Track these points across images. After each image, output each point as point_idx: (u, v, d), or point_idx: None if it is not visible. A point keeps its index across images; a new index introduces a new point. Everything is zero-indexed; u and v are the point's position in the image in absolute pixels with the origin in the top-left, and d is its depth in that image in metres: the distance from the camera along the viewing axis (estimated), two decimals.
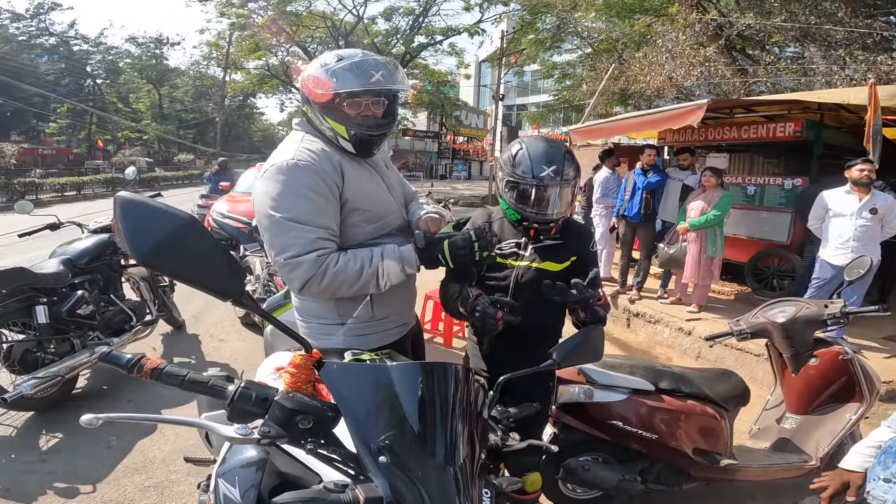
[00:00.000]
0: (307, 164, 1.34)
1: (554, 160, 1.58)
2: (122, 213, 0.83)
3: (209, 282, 0.88)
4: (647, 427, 2.07)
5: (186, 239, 0.84)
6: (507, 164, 1.64)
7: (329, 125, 1.39)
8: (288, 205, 1.31)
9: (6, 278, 2.75)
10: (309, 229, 1.31)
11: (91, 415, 0.82)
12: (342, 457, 0.86)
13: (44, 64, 32.45)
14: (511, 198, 1.63)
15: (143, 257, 0.83)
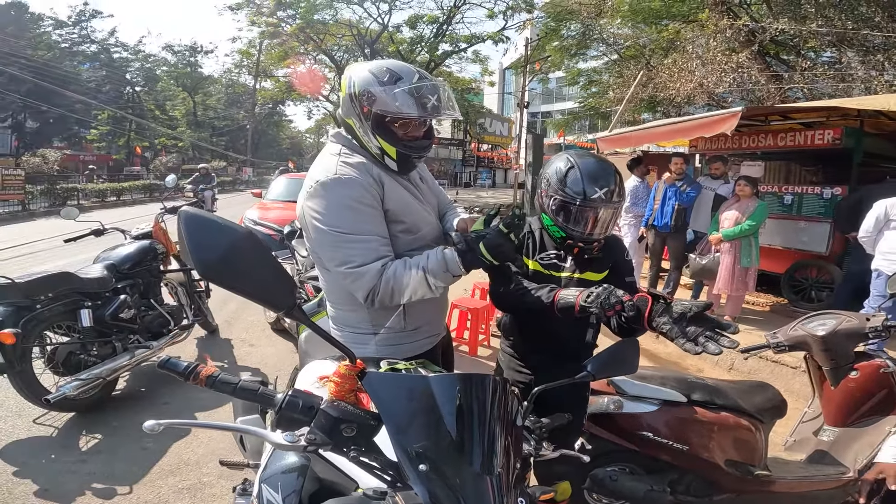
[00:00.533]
0: (349, 178, 1.36)
1: (606, 181, 1.55)
2: (186, 227, 0.87)
3: (264, 294, 0.91)
4: (678, 438, 2.05)
5: (244, 252, 0.88)
6: (556, 181, 1.59)
7: (378, 143, 1.40)
8: (338, 219, 1.33)
9: (54, 282, 2.86)
10: (364, 238, 1.34)
11: (153, 421, 0.87)
12: (382, 464, 0.88)
13: (85, 71, 33.38)
14: (557, 216, 1.60)
15: (205, 270, 0.87)
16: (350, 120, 1.43)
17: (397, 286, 1.35)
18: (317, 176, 1.38)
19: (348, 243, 1.33)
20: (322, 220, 1.33)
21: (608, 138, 6.46)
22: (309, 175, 1.43)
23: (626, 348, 1.34)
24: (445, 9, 19.02)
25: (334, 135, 1.51)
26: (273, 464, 1.07)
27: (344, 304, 1.49)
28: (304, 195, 1.40)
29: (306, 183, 1.41)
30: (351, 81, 1.40)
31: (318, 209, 1.34)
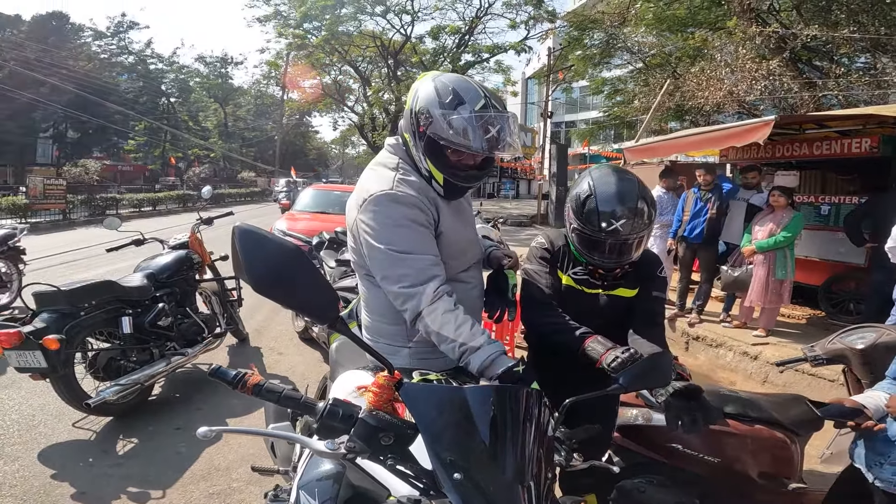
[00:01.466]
0: (406, 196, 1.34)
1: (626, 208, 1.46)
2: (240, 243, 0.92)
3: (310, 306, 0.96)
4: (709, 450, 2.03)
5: (292, 267, 0.92)
6: (575, 208, 1.52)
7: (427, 166, 1.38)
8: (392, 237, 1.31)
9: (97, 290, 2.98)
10: (417, 258, 1.31)
11: (206, 428, 0.90)
12: (416, 472, 0.89)
13: (123, 82, 34.25)
14: (576, 244, 1.56)
15: (257, 283, 0.91)
16: (406, 135, 1.40)
17: (434, 325, 1.29)
18: (372, 189, 1.35)
19: (401, 262, 1.30)
20: (376, 236, 1.32)
21: (635, 148, 6.39)
22: (362, 185, 1.40)
23: (660, 361, 1.33)
24: (467, 20, 19.18)
25: (393, 145, 1.47)
26: (310, 471, 1.10)
27: (382, 316, 1.49)
28: (356, 206, 1.38)
29: (359, 193, 1.39)
30: (415, 96, 1.36)
31: (372, 224, 1.32)
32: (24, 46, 27.95)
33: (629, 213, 1.45)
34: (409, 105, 1.37)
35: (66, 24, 32.33)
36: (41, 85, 24.39)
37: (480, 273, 1.62)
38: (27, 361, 2.62)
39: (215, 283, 4.10)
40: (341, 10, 18.67)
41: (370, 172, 1.44)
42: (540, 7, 17.80)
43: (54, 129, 31.51)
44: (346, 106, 25.52)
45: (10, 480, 2.46)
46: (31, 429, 2.94)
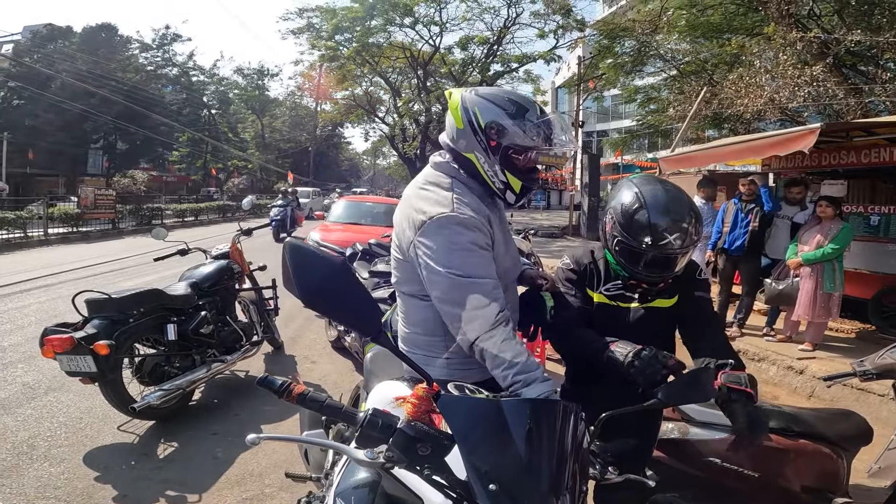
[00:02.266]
0: (468, 219, 1.33)
1: (678, 222, 1.40)
2: (291, 257, 0.95)
3: (355, 320, 0.99)
4: (750, 465, 2.01)
5: (339, 281, 0.95)
6: (621, 219, 1.46)
7: (505, 178, 1.38)
8: (455, 260, 1.30)
9: (146, 298, 3.10)
10: (479, 283, 1.31)
11: (254, 435, 0.94)
12: (451, 483, 0.90)
13: (168, 94, 35.11)
14: (620, 257, 1.50)
15: (306, 296, 0.95)
16: (472, 154, 1.38)
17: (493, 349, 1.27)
18: (430, 210, 1.33)
19: (463, 287, 1.29)
20: (438, 260, 1.30)
21: (671, 158, 6.25)
22: (417, 206, 1.38)
23: (701, 376, 1.30)
24: (495, 30, 19.26)
25: (439, 163, 1.45)
26: (346, 479, 1.12)
27: (419, 327, 1.50)
28: (412, 227, 1.36)
29: (414, 213, 1.37)
30: (471, 114, 1.36)
31: (433, 248, 1.31)
32: (75, 58, 29.02)
33: (681, 226, 1.40)
34: (467, 125, 1.36)
35: (115, 35, 33.40)
36: (92, 96, 25.17)
37: (516, 291, 1.62)
38: (78, 366, 2.72)
39: (253, 292, 4.22)
40: (371, 21, 19.04)
41: (424, 192, 1.41)
42: (568, 16, 17.74)
43: (104, 140, 32.59)
44: (376, 117, 25.94)
45: (55, 482, 2.52)
46: (77, 431, 3.03)
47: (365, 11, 18.62)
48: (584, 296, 1.63)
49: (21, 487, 2.45)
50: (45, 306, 5.77)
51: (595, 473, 1.08)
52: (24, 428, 3.03)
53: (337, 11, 19.55)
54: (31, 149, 27.46)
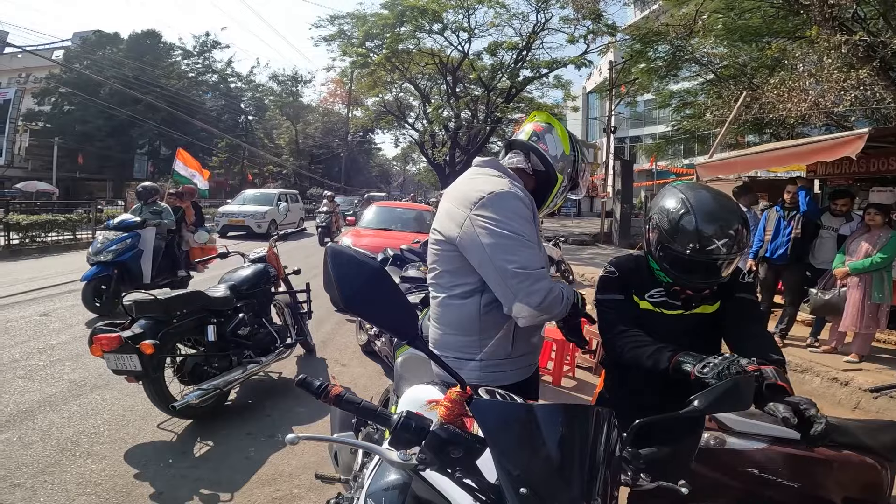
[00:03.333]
0: (524, 196, 1.49)
1: (727, 228, 1.37)
2: (333, 262, 0.98)
3: (392, 323, 1.02)
4: (789, 476, 1.99)
5: (378, 286, 0.98)
6: (666, 225, 1.44)
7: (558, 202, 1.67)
8: (518, 225, 1.41)
9: (189, 300, 3.20)
10: (537, 249, 1.45)
11: (293, 434, 0.96)
12: (482, 486, 0.90)
13: (208, 100, 35.95)
14: (664, 262, 1.47)
15: (346, 300, 0.97)
16: (561, 176, 1.63)
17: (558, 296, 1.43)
18: (487, 188, 1.46)
19: (528, 249, 1.40)
20: (502, 225, 1.40)
21: (709, 164, 6.07)
22: (470, 187, 1.51)
23: (741, 384, 1.25)
24: (524, 35, 19.17)
25: (486, 161, 1.62)
26: (377, 481, 1.14)
27: (456, 329, 1.53)
28: (467, 205, 1.46)
29: (468, 194, 1.48)
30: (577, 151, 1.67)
31: (495, 216, 1.41)
32: (122, 64, 30.05)
33: (730, 232, 1.37)
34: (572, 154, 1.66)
35: (159, 42, 34.54)
36: (138, 102, 25.92)
37: None
38: (124, 364, 2.81)
39: (288, 295, 4.31)
40: (400, 28, 19.24)
41: (476, 179, 1.55)
42: (599, 21, 17.48)
43: (149, 145, 33.74)
44: (406, 123, 26.18)
45: (96, 479, 2.58)
46: (120, 428, 3.12)
47: (394, 18, 18.85)
48: (629, 302, 1.61)
49: (63, 484, 2.51)
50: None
51: (627, 479, 1.08)
52: (70, 425, 3.11)
53: (367, 18, 19.88)
54: (80, 153, 28.73)
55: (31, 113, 30.86)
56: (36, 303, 6.08)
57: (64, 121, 30.38)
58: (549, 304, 1.39)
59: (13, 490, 2.43)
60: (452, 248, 1.49)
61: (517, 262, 1.37)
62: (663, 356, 1.41)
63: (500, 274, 1.39)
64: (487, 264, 1.40)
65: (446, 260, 1.52)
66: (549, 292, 1.39)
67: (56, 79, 30.52)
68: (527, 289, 1.37)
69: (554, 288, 1.42)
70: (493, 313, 1.48)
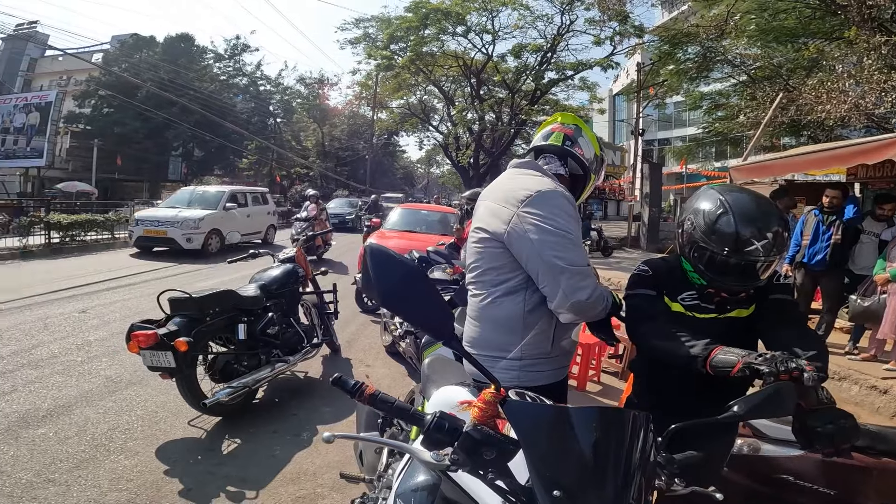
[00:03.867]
0: (569, 196, 1.53)
1: (766, 228, 1.34)
2: (371, 261, 0.99)
3: (429, 323, 1.01)
4: (826, 482, 1.97)
5: (416, 286, 0.98)
6: (703, 226, 1.41)
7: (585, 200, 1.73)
8: (566, 224, 1.46)
9: (221, 299, 3.27)
10: (582, 247, 1.50)
11: (329, 433, 0.97)
12: (513, 489, 0.90)
13: (239, 103, 36.59)
14: (699, 264, 1.44)
15: (385, 299, 0.98)
16: (593, 176, 1.71)
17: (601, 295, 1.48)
18: (534, 186, 1.50)
19: (576, 246, 1.45)
20: (551, 222, 1.44)
21: (744, 167, 5.90)
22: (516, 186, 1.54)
23: (783, 390, 1.21)
24: (549, 37, 19.00)
25: (525, 162, 1.66)
26: (406, 481, 1.14)
27: (499, 326, 1.55)
28: (513, 203, 1.49)
29: (514, 192, 1.52)
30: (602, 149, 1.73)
31: (544, 213, 1.45)
32: (158, 68, 30.90)
33: (770, 234, 1.35)
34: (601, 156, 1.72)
35: (192, 45, 35.43)
36: (173, 105, 26.55)
37: None
38: (158, 361, 2.88)
39: (315, 295, 4.37)
40: (424, 31, 19.34)
41: (519, 178, 1.59)
42: (626, 23, 17.22)
43: (183, 147, 34.65)
44: (430, 125, 26.28)
45: (128, 474, 2.63)
46: (152, 425, 3.17)
47: (418, 21, 18.95)
48: (662, 303, 1.59)
49: (96, 479, 2.56)
50: (128, 303, 6.21)
51: (661, 484, 1.06)
52: (105, 420, 3.18)
53: (392, 21, 20.05)
54: (118, 155, 29.70)
55: (72, 115, 32.00)
56: (75, 300, 6.30)
57: (103, 123, 31.37)
58: (593, 301, 1.44)
59: (47, 485, 2.48)
60: (498, 245, 1.51)
61: (566, 258, 1.41)
62: (700, 344, 1.36)
63: (550, 269, 1.42)
64: (536, 259, 1.44)
65: (491, 257, 1.54)
66: (595, 290, 1.44)
67: (95, 81, 31.59)
68: (575, 285, 1.41)
69: (598, 286, 1.47)
70: (536, 311, 1.51)
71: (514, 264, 1.50)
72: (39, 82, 34.92)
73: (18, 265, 8.95)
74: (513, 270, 1.51)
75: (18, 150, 26.04)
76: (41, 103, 26.20)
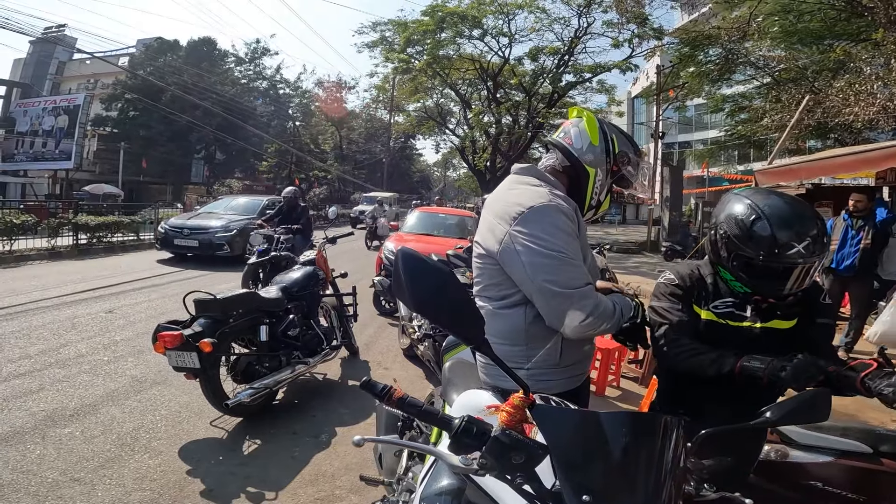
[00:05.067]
0: (566, 208, 1.44)
1: (805, 230, 1.33)
2: (403, 265, 0.99)
3: (460, 328, 1.01)
4: (857, 490, 1.91)
5: (447, 290, 0.98)
6: (738, 232, 1.39)
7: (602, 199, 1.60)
8: (558, 242, 1.38)
9: (244, 301, 3.32)
10: (579, 264, 1.41)
11: (359, 436, 0.99)
12: (541, 494, 0.89)
13: (259, 106, 36.78)
14: (740, 272, 1.42)
15: (417, 304, 0.99)
16: (594, 169, 1.56)
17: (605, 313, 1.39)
18: (526, 202, 1.42)
19: (570, 267, 1.37)
20: (542, 243, 1.37)
21: (769, 170, 5.78)
22: (510, 200, 1.47)
23: (817, 397, 1.20)
24: (566, 40, 18.90)
25: (525, 169, 1.60)
26: (431, 485, 1.14)
27: (503, 338, 1.52)
28: (506, 219, 1.43)
29: (508, 207, 1.45)
30: (609, 138, 1.58)
31: (535, 233, 1.38)
32: (182, 71, 31.33)
33: (810, 235, 1.33)
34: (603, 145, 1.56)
35: (214, 49, 35.91)
36: (196, 108, 27.13)
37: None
38: (183, 361, 2.92)
39: (335, 298, 4.41)
40: (441, 34, 19.39)
41: (515, 191, 1.51)
42: (645, 25, 17.05)
43: (206, 150, 35.14)
44: (447, 129, 26.28)
45: (152, 474, 2.65)
46: (176, 425, 3.20)
47: (435, 24, 19.03)
48: (690, 312, 1.56)
49: (121, 479, 2.58)
50: (154, 304, 6.32)
51: (690, 490, 1.05)
52: (130, 420, 3.22)
53: (408, 25, 20.15)
54: (144, 158, 30.27)
55: (99, 118, 32.75)
56: (102, 300, 6.44)
57: (129, 126, 31.97)
58: (594, 320, 1.36)
59: (73, 484, 2.51)
60: (494, 262, 1.49)
61: (558, 281, 1.35)
62: (727, 360, 1.36)
63: (541, 293, 1.37)
64: (528, 283, 1.39)
65: (489, 273, 1.52)
66: (595, 308, 1.37)
67: (122, 85, 32.28)
68: (568, 308, 1.35)
69: (601, 303, 1.38)
70: (539, 323, 1.47)
71: (511, 281, 1.46)
72: (67, 85, 35.75)
73: (48, 265, 9.18)
74: (512, 287, 1.47)
75: (47, 152, 26.79)
76: (69, 106, 26.92)
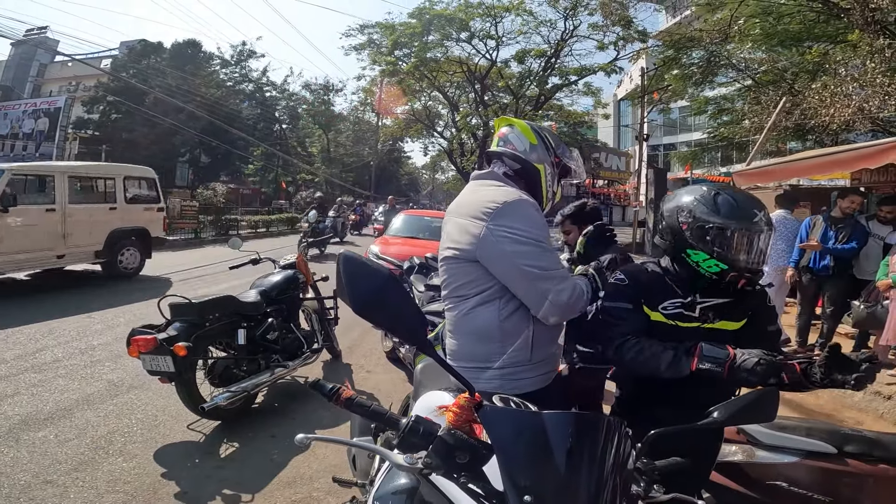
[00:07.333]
0: (533, 203, 1.56)
1: (759, 206, 1.46)
2: (343, 268, 1.00)
3: (401, 329, 1.03)
4: (821, 490, 1.95)
5: (387, 292, 0.99)
6: (704, 210, 1.45)
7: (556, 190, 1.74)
8: (538, 232, 1.48)
9: (221, 304, 3.30)
10: (555, 251, 1.54)
11: (303, 435, 0.99)
12: (487, 493, 0.91)
13: (245, 109, 36.30)
14: (715, 245, 1.43)
15: (356, 304, 0.99)
16: (542, 165, 1.68)
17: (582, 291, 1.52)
18: (499, 198, 1.50)
19: (549, 253, 1.49)
20: (520, 233, 1.46)
21: (747, 172, 5.88)
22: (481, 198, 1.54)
23: (765, 397, 1.21)
24: (552, 42, 19.06)
25: (486, 173, 1.69)
26: (386, 484, 1.15)
27: (476, 338, 1.55)
28: (479, 216, 1.49)
29: (479, 205, 1.51)
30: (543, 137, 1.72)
31: (513, 224, 1.46)
32: (166, 74, 30.75)
33: (762, 208, 1.46)
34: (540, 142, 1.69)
35: (199, 51, 35.15)
36: (180, 111, 26.57)
37: None
38: (158, 365, 2.91)
39: (316, 301, 4.39)
40: (428, 37, 19.48)
41: (483, 191, 1.60)
42: (629, 28, 17.28)
43: (190, 153, 34.37)
44: (435, 131, 26.33)
45: (126, 477, 2.64)
46: (152, 428, 3.20)
47: (422, 27, 19.12)
48: (639, 313, 1.56)
49: (94, 481, 2.58)
50: (133, 308, 6.25)
51: (639, 491, 1.05)
52: (105, 423, 3.21)
53: (396, 27, 20.22)
54: (126, 161, 29.79)
55: (81, 121, 32.16)
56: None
57: (111, 129, 31.36)
58: (574, 300, 1.48)
59: (45, 486, 2.50)
60: (467, 261, 1.52)
61: (541, 265, 1.45)
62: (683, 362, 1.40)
63: (528, 278, 1.45)
64: (513, 271, 1.45)
65: (463, 272, 1.55)
66: (574, 288, 1.49)
67: (104, 87, 31.81)
68: (555, 288, 1.45)
69: (576, 285, 1.51)
70: (512, 319, 1.51)
71: (487, 276, 1.50)
72: (49, 88, 35.15)
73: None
74: (487, 281, 1.51)
75: (27, 155, 26.28)
76: (50, 109, 26.44)
